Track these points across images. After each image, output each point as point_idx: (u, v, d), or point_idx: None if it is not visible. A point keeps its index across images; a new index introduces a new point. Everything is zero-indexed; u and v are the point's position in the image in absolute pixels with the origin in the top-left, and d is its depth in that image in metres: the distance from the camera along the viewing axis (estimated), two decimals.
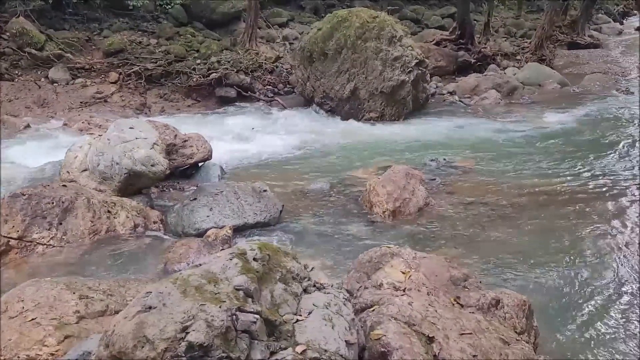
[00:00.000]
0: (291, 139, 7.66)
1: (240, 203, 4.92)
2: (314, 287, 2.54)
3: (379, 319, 2.47)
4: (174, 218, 4.80)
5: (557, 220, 5.11)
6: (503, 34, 16.35)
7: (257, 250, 2.45)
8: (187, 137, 5.88)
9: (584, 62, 13.87)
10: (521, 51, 14.23)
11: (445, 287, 2.88)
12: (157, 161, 5.00)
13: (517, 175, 6.31)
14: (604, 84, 11.60)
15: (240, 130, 7.95)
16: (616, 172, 6.38)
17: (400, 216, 5.11)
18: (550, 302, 3.81)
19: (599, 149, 7.36)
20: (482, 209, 5.34)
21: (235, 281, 2.23)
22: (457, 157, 6.91)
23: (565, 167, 6.59)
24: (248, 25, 11.00)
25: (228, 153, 6.75)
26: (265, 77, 10.23)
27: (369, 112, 8.73)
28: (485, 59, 12.81)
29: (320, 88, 9.02)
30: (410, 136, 8.02)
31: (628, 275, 4.14)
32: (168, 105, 9.05)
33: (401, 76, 8.61)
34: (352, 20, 8.87)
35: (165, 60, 9.73)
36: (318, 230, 4.88)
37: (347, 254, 4.31)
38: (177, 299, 2.10)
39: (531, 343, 2.71)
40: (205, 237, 4.33)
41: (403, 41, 8.89)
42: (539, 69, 12.22)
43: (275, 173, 6.36)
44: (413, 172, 5.63)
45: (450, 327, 2.42)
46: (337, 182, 6.02)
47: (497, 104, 10.01)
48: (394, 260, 3.02)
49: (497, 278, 4.03)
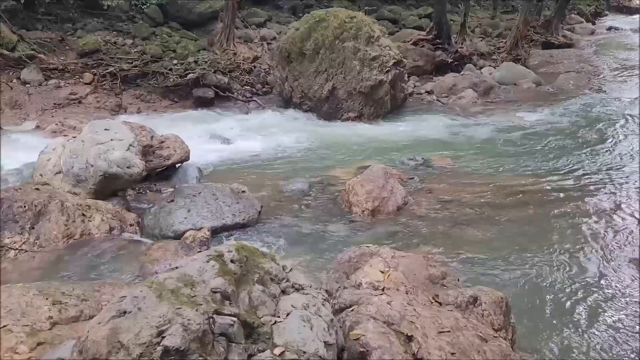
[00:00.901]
0: (270, 139, 7.63)
1: (219, 204, 4.88)
2: (292, 288, 2.52)
3: (357, 318, 2.46)
4: (151, 220, 4.74)
5: (534, 217, 5.19)
6: (479, 34, 16.52)
7: (234, 252, 2.42)
8: (164, 138, 5.82)
9: (558, 62, 14.10)
10: (497, 51, 14.40)
11: (424, 285, 2.89)
12: (133, 163, 4.93)
13: (494, 174, 6.38)
14: (577, 83, 11.80)
15: (219, 130, 7.88)
16: (591, 169, 6.51)
17: (379, 215, 5.13)
18: (528, 298, 3.85)
19: (574, 147, 7.49)
20: (459, 207, 5.38)
21: (212, 284, 2.20)
22: (435, 156, 6.96)
23: (541, 165, 6.69)
24: (225, 25, 10.91)
25: (206, 154, 6.69)
26: (243, 77, 10.16)
27: (347, 111, 8.74)
28: (462, 59, 12.92)
29: (299, 88, 9.01)
30: (388, 135, 8.05)
31: (604, 271, 4.22)
32: (144, 106, 8.92)
33: (379, 76, 8.64)
34: (330, 21, 8.87)
35: (141, 60, 9.59)
36: (297, 231, 4.87)
37: (327, 254, 4.31)
38: (152, 303, 2.07)
39: (509, 339, 2.74)
40: (183, 240, 4.28)
41: (381, 41, 8.92)
42: (514, 68, 12.39)
43: (253, 174, 6.33)
44: (391, 172, 5.66)
45: (428, 326, 2.42)
46: (316, 182, 6.01)
47: (474, 103, 10.12)
48: (372, 260, 3.03)
49: (475, 275, 4.07)
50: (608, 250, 4.50)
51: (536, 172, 6.43)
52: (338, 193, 5.58)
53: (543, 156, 7.02)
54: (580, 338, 3.42)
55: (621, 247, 4.55)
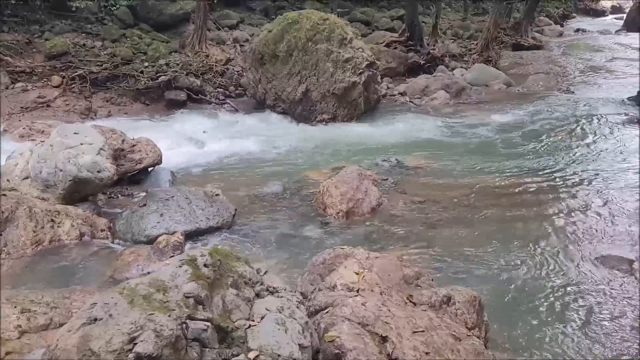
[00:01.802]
0: (243, 142, 7.59)
1: (192, 208, 4.84)
2: (266, 292, 2.51)
3: (332, 320, 2.46)
4: (123, 225, 4.67)
5: (506, 216, 5.27)
6: (450, 35, 16.73)
7: (207, 256, 2.40)
8: (136, 141, 5.74)
9: (528, 63, 14.35)
10: (468, 52, 14.60)
11: (398, 286, 2.91)
12: (103, 167, 4.84)
13: (466, 174, 6.46)
14: (546, 84, 12.04)
15: (192, 133, 7.81)
16: (562, 169, 6.64)
17: (354, 217, 5.15)
18: (501, 297, 3.91)
19: (545, 147, 7.64)
20: (433, 207, 5.44)
21: (185, 288, 2.18)
22: (409, 157, 7.01)
23: (513, 164, 6.80)
24: (197, 27, 10.81)
25: (179, 157, 6.62)
26: (216, 79, 10.08)
27: (321, 113, 8.75)
28: (434, 60, 13.07)
29: (272, 90, 8.99)
30: (362, 137, 8.09)
31: (575, 269, 4.30)
32: (115, 110, 8.79)
33: (352, 78, 8.68)
34: (303, 23, 8.87)
35: (111, 63, 9.43)
36: (272, 233, 4.85)
37: (301, 256, 4.30)
38: (124, 309, 2.04)
39: (482, 338, 2.77)
40: (156, 244, 4.23)
41: (353, 43, 8.96)
42: (485, 69, 12.58)
43: (227, 177, 6.29)
44: (366, 173, 5.68)
45: (403, 326, 2.44)
46: (291, 184, 6.00)
47: (446, 104, 10.23)
48: (347, 261, 3.03)
49: (449, 275, 4.11)
50: (579, 249, 4.60)
51: (509, 172, 6.53)
52: (312, 195, 5.58)
53: (515, 156, 7.13)
54: (552, 335, 3.48)
55: (592, 245, 4.65)
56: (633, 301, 3.85)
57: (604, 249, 4.58)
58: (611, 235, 4.83)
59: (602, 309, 3.76)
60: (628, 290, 3.98)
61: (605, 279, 4.12)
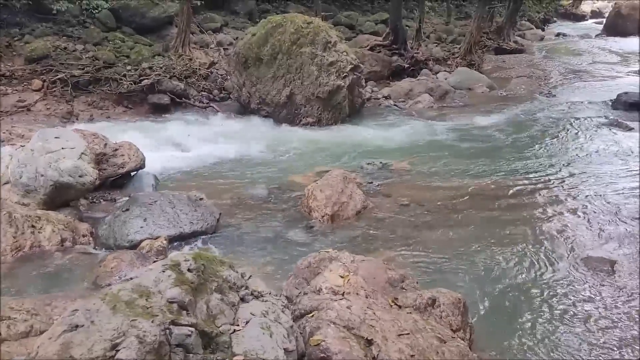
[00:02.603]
0: (228, 145, 7.55)
1: (176, 212, 4.79)
2: (251, 296, 2.50)
3: (318, 324, 2.45)
4: (105, 230, 4.61)
5: (490, 218, 5.30)
6: (434, 39, 16.86)
7: (191, 260, 2.38)
8: (118, 145, 5.68)
9: (510, 67, 14.51)
10: (451, 56, 14.71)
11: (383, 289, 2.91)
12: (85, 171, 4.78)
13: (451, 176, 6.50)
14: (528, 87, 12.18)
15: (175, 137, 7.75)
16: (545, 171, 6.70)
17: (339, 220, 5.14)
18: (485, 298, 3.93)
19: (527, 149, 7.72)
20: (417, 210, 5.46)
21: (168, 294, 2.16)
22: (393, 160, 7.03)
23: (496, 167, 6.85)
24: (180, 30, 10.75)
25: (162, 161, 6.56)
26: (199, 83, 10.03)
27: (305, 117, 8.75)
28: (418, 64, 13.15)
29: (257, 94, 8.96)
30: (347, 140, 8.10)
31: (558, 270, 4.34)
32: (97, 113, 8.69)
33: (337, 81, 8.69)
34: (287, 26, 8.87)
35: (93, 66, 9.33)
36: (256, 237, 4.83)
37: (286, 260, 4.29)
38: (106, 315, 2.01)
39: (467, 339, 2.78)
40: (139, 249, 4.18)
41: (338, 46, 8.98)
42: (468, 73, 12.69)
43: (212, 181, 6.25)
44: (350, 176, 5.68)
45: (388, 329, 2.44)
46: (276, 188, 5.98)
47: (430, 107, 10.30)
48: (332, 265, 3.03)
49: (433, 277, 4.12)
50: (562, 250, 4.64)
51: (493, 174, 6.58)
52: (297, 199, 5.57)
53: (498, 159, 7.19)
54: (536, 336, 3.50)
55: (575, 246, 4.70)
56: (614, 301, 3.89)
57: (587, 250, 4.63)
58: (593, 237, 4.89)
59: (585, 309, 3.80)
60: (609, 291, 4.02)
61: (587, 280, 4.16)
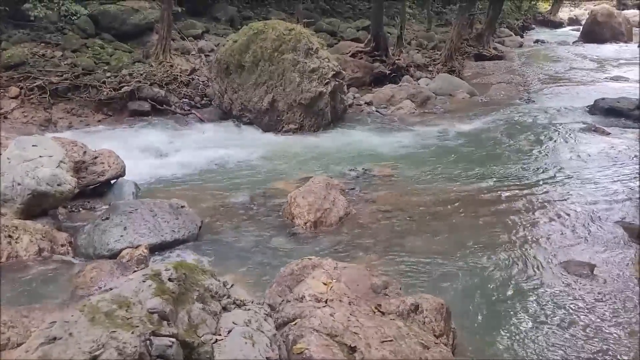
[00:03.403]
0: (210, 152, 7.50)
1: (157, 220, 4.74)
2: (233, 305, 2.47)
3: (301, 332, 2.44)
4: (85, 239, 4.54)
5: (472, 224, 5.34)
6: (415, 46, 16.98)
7: (172, 270, 2.35)
8: (98, 153, 5.61)
9: (490, 73, 14.68)
10: (432, 62, 14.84)
11: (367, 295, 2.90)
12: (63, 180, 4.70)
13: (432, 182, 6.53)
14: (508, 93, 12.33)
15: (156, 144, 7.68)
16: (525, 176, 6.78)
17: (322, 227, 5.13)
18: (468, 303, 3.95)
19: (508, 155, 7.80)
20: (400, 216, 5.47)
21: (148, 304, 2.13)
22: (376, 166, 7.05)
23: (477, 172, 6.91)
24: (161, 37, 10.68)
25: (143, 169, 6.49)
26: (181, 89, 9.96)
27: (288, 123, 8.74)
28: (400, 70, 13.24)
29: (238, 100, 8.94)
30: (329, 147, 8.10)
31: (540, 274, 4.38)
32: (76, 121, 8.57)
33: (319, 87, 8.71)
34: (268, 33, 8.87)
35: (72, 73, 9.21)
36: (239, 245, 4.79)
37: (269, 267, 4.26)
38: (85, 327, 1.98)
39: (449, 345, 2.79)
40: (119, 259, 4.13)
41: (319, 53, 9.00)
42: (449, 79, 12.81)
43: (194, 188, 6.20)
44: (333, 183, 5.69)
45: (371, 336, 2.43)
46: (258, 195, 5.96)
47: (412, 113, 10.36)
48: (315, 272, 3.02)
49: (416, 283, 4.13)
50: (544, 254, 4.68)
51: (474, 180, 6.63)
52: (280, 206, 5.56)
53: (480, 164, 7.25)
54: (518, 340, 3.53)
55: (555, 251, 4.75)
56: (595, 304, 3.94)
57: (567, 254, 4.68)
58: (574, 241, 4.95)
59: (565, 313, 3.83)
60: (590, 294, 4.07)
61: (568, 284, 4.20)
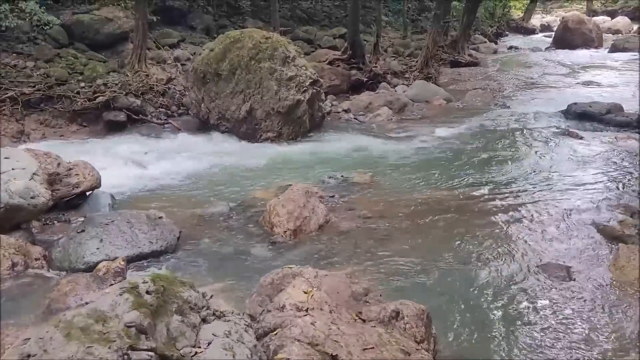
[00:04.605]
0: (187, 162, 7.44)
1: (134, 232, 4.68)
2: (213, 316, 2.45)
3: (282, 342, 2.42)
4: (60, 253, 4.45)
5: (451, 229, 5.37)
6: (391, 53, 17.15)
7: (150, 282, 2.32)
8: (72, 165, 5.51)
9: (466, 79, 14.88)
10: (409, 70, 14.99)
11: (348, 303, 2.90)
12: (37, 192, 4.61)
13: (411, 188, 6.57)
14: (483, 99, 12.50)
15: (132, 155, 7.59)
16: (502, 180, 6.85)
17: (302, 235, 5.12)
18: (448, 308, 3.96)
19: (485, 160, 7.88)
20: (380, 222, 5.48)
21: (126, 318, 2.09)
22: (355, 173, 7.06)
23: (456, 178, 6.96)
24: (136, 46, 10.59)
25: (119, 180, 6.40)
26: (157, 99, 9.88)
27: (266, 132, 8.72)
28: (377, 78, 13.34)
29: (216, 109, 8.89)
30: (308, 154, 8.10)
31: (518, 277, 4.42)
32: (50, 132, 8.44)
33: (297, 95, 8.71)
34: (245, 41, 8.86)
35: (45, 84, 9.06)
36: (218, 255, 4.75)
37: (249, 277, 4.22)
38: (60, 343, 1.93)
39: (431, 350, 2.79)
40: (96, 272, 4.05)
41: (297, 61, 9.02)
42: (426, 86, 12.93)
43: (171, 199, 6.13)
44: (312, 190, 5.67)
45: (353, 343, 2.42)
46: (237, 205, 5.92)
47: (389, 120, 10.43)
48: (295, 281, 3.00)
49: (397, 289, 4.13)
50: (522, 258, 4.73)
51: (452, 185, 6.68)
52: (259, 214, 5.52)
53: (458, 170, 7.31)
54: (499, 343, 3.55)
55: (533, 254, 4.80)
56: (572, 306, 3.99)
57: (544, 257, 4.74)
58: (551, 244, 5.01)
59: (544, 315, 3.87)
60: (567, 296, 4.12)
61: (546, 286, 4.25)
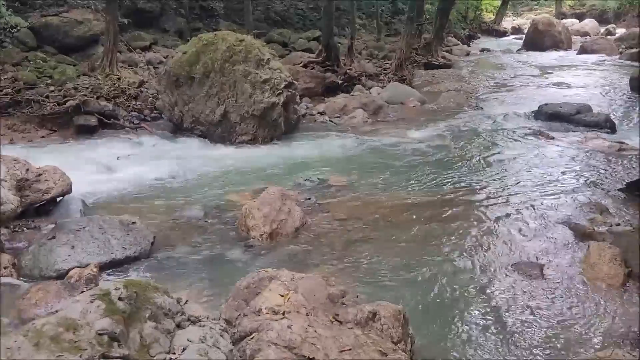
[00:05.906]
0: (161, 166, 7.33)
1: (107, 238, 4.59)
2: (188, 321, 2.41)
3: (258, 346, 2.39)
4: (29, 260, 4.34)
5: (426, 230, 5.40)
6: (366, 56, 17.22)
7: (122, 288, 2.27)
8: (42, 170, 5.38)
9: (439, 81, 15.01)
10: (383, 72, 15.06)
11: (324, 305, 2.88)
12: (5, 199, 4.50)
13: (387, 190, 6.59)
14: (457, 100, 12.63)
15: (104, 160, 7.45)
16: (477, 182, 6.92)
17: (278, 238, 5.09)
18: (425, 308, 3.99)
19: (459, 161, 7.97)
20: (356, 224, 5.49)
21: (97, 325, 2.04)
22: (331, 176, 7.07)
23: (430, 179, 7.02)
24: (107, 49, 10.42)
25: (91, 185, 6.27)
26: (129, 103, 9.72)
27: (241, 135, 8.66)
28: (351, 80, 13.38)
29: (189, 113, 8.80)
30: (284, 157, 8.07)
31: (493, 277, 4.47)
32: (18, 137, 8.22)
33: (271, 98, 8.67)
34: (219, 44, 8.79)
35: (12, 87, 8.85)
36: (193, 260, 4.69)
37: (225, 281, 4.17)
38: (28, 353, 1.88)
39: (407, 351, 2.80)
40: (67, 279, 3.96)
41: (271, 64, 8.98)
42: (400, 88, 13.01)
43: (145, 203, 6.04)
44: (288, 193, 5.65)
45: (330, 346, 2.41)
46: (212, 208, 5.86)
47: (364, 122, 10.46)
48: (272, 284, 2.97)
49: (373, 290, 4.14)
50: (496, 258, 4.78)
51: (427, 187, 6.73)
52: (235, 218, 5.48)
53: (433, 171, 7.36)
54: (475, 341, 3.58)
55: (507, 254, 4.86)
56: (545, 303, 4.05)
57: (517, 256, 4.81)
58: (524, 243, 5.08)
59: (518, 313, 3.93)
60: (540, 294, 4.19)
61: (518, 284, 4.31)
